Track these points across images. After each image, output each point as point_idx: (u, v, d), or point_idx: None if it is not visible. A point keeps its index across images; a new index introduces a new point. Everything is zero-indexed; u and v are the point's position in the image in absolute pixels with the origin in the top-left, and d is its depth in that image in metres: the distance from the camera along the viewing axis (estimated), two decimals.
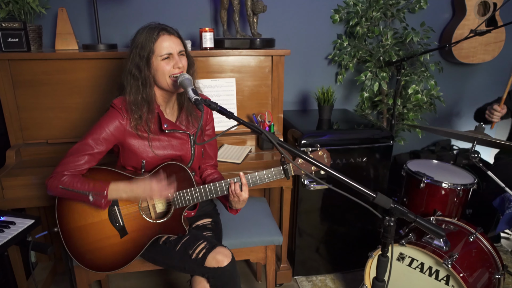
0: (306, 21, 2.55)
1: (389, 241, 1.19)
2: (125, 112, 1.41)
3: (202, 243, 1.43)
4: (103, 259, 1.45)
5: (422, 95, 2.45)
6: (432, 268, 1.67)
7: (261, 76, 2.15)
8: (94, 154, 1.39)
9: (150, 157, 1.45)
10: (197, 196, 1.44)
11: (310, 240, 2.26)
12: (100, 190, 1.36)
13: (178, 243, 1.45)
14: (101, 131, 1.40)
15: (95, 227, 1.44)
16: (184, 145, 1.52)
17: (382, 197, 1.15)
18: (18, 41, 1.90)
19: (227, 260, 1.39)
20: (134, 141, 1.44)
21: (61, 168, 1.38)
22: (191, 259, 1.40)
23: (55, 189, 1.37)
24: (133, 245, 1.46)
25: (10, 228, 1.52)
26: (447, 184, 2.08)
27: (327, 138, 2.11)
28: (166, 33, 1.39)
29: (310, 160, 1.12)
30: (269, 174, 1.43)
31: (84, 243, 1.44)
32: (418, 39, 2.38)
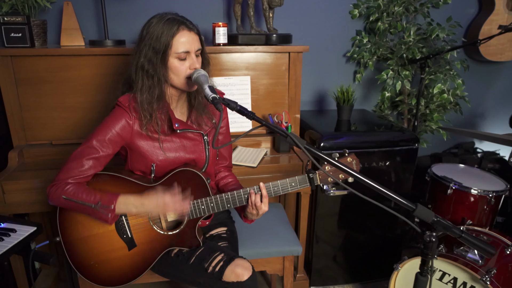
0: (323, 17, 2.42)
1: (430, 259, 1.05)
2: (133, 111, 1.28)
3: (219, 255, 1.30)
4: (109, 273, 1.33)
5: (449, 95, 2.30)
6: (467, 284, 1.53)
7: (277, 74, 2.02)
8: (99, 157, 1.27)
9: (161, 160, 1.33)
10: (213, 206, 1.31)
11: (327, 247, 2.13)
12: (107, 203, 1.23)
13: (192, 256, 1.33)
14: (106, 132, 1.27)
15: (101, 238, 1.31)
16: (197, 147, 1.39)
17: (422, 210, 1.01)
18: (22, 36, 1.79)
19: (247, 273, 1.26)
20: (143, 142, 1.32)
21: (63, 175, 1.26)
22: (207, 273, 1.28)
23: (57, 199, 1.25)
24: (142, 259, 1.34)
25: (10, 236, 1.41)
26: (476, 190, 1.94)
27: (347, 140, 1.98)
28: (186, 28, 1.25)
29: (344, 168, 0.98)
30: (292, 183, 1.30)
31: (89, 256, 1.32)
32: (444, 35, 2.24)
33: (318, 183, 1.31)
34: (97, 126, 1.31)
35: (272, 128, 1.05)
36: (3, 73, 1.77)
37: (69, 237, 1.33)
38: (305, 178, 1.30)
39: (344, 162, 1.30)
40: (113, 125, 1.27)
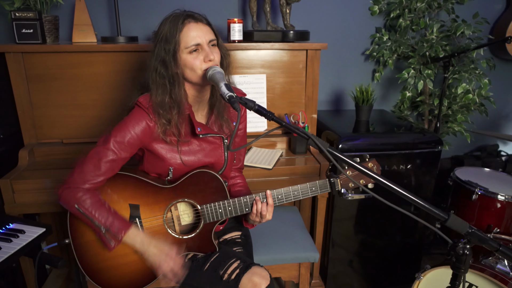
0: (341, 13, 2.33)
1: (462, 273, 0.97)
2: (152, 113, 1.22)
3: (235, 262, 1.24)
4: (119, 279, 1.28)
5: (474, 95, 2.19)
6: None
7: (294, 73, 1.95)
8: (117, 160, 1.21)
9: (179, 163, 1.27)
10: (230, 210, 1.25)
11: (344, 253, 2.05)
12: (116, 232, 1.18)
13: (206, 262, 1.27)
14: (125, 133, 1.20)
15: None
16: (216, 151, 1.32)
17: (456, 220, 0.93)
18: (33, 32, 1.76)
19: (265, 283, 1.19)
20: (162, 145, 1.26)
21: (79, 178, 1.20)
22: (222, 281, 1.21)
23: (68, 204, 1.20)
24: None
25: (18, 237, 1.38)
26: (503, 196, 1.83)
27: (366, 142, 1.89)
28: (192, 21, 1.19)
29: (369, 173, 0.91)
30: (313, 188, 1.23)
31: (99, 260, 1.27)
32: (470, 33, 2.13)
33: (339, 188, 1.24)
34: (114, 126, 1.25)
35: (293, 130, 0.98)
36: (14, 70, 1.74)
37: (79, 239, 1.28)
38: (326, 183, 1.23)
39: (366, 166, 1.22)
40: (133, 127, 1.21)
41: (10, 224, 1.45)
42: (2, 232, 1.40)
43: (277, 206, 1.95)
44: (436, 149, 1.94)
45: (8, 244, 1.33)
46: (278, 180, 1.73)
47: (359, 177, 1.24)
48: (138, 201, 1.26)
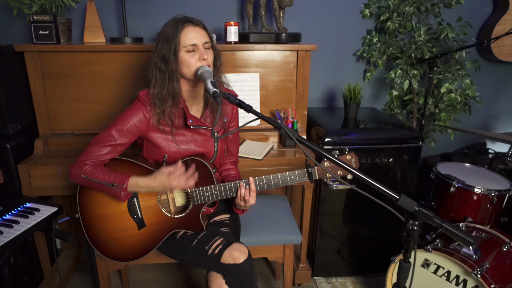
0: (334, 16, 2.48)
1: (412, 246, 1.12)
2: (149, 105, 1.40)
3: (219, 239, 1.41)
4: (121, 250, 1.46)
5: (456, 95, 2.32)
6: (460, 277, 1.58)
7: (286, 72, 2.10)
8: (116, 145, 1.40)
9: (173, 151, 1.44)
10: (216, 194, 1.42)
11: (331, 241, 2.20)
12: (120, 183, 1.36)
13: (194, 239, 1.44)
14: (125, 122, 1.39)
15: (114, 217, 1.45)
16: (207, 142, 1.50)
17: (406, 199, 1.08)
18: (49, 33, 1.95)
19: (243, 257, 1.36)
20: (158, 135, 1.44)
21: (83, 157, 1.40)
22: (207, 255, 1.38)
23: (77, 177, 1.39)
24: (150, 238, 1.46)
25: (34, 214, 1.56)
26: (480, 189, 1.96)
27: (352, 137, 2.04)
28: (191, 24, 1.37)
29: (339, 163, 1.06)
30: (292, 176, 1.39)
31: (103, 232, 1.46)
32: (453, 35, 2.26)
33: (317, 177, 1.39)
34: (116, 116, 1.44)
35: (268, 121, 1.14)
36: (32, 67, 1.93)
37: (86, 214, 1.47)
38: (304, 172, 1.39)
39: (343, 159, 1.37)
40: (131, 117, 1.40)
41: (27, 204, 1.64)
42: (20, 209, 1.59)
43: (268, 194, 2.11)
44: (418, 144, 2.08)
45: (26, 220, 1.52)
46: (267, 170, 1.89)
47: (336, 168, 1.38)
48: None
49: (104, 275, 1.69)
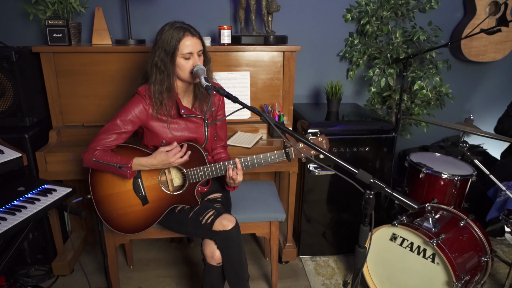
0: (320, 20, 2.72)
1: (369, 212, 1.35)
2: (148, 99, 1.64)
3: (211, 211, 1.65)
4: (127, 223, 1.70)
5: (427, 91, 2.56)
6: (420, 247, 1.82)
7: (274, 70, 2.34)
8: (121, 133, 1.64)
9: (169, 137, 1.69)
10: (208, 173, 1.67)
11: (315, 224, 2.44)
12: (126, 163, 1.61)
13: (191, 212, 1.68)
14: (127, 113, 1.64)
15: (122, 196, 1.69)
16: (198, 128, 1.74)
17: (363, 173, 1.32)
18: (62, 36, 2.19)
19: (231, 224, 1.61)
20: (156, 123, 1.68)
21: (94, 144, 1.64)
22: (201, 224, 1.63)
23: (89, 161, 1.63)
24: (153, 213, 1.70)
25: (52, 193, 1.81)
26: (446, 174, 2.20)
27: (332, 128, 2.28)
28: (190, 34, 1.59)
29: (308, 143, 1.30)
30: (272, 156, 1.63)
31: (112, 209, 1.70)
32: (424, 38, 2.50)
33: (293, 156, 1.63)
34: (120, 109, 1.69)
35: (250, 109, 1.37)
36: (47, 66, 2.17)
37: (97, 194, 1.71)
38: (282, 153, 1.63)
39: (315, 141, 1.62)
40: (133, 109, 1.64)
41: (45, 185, 1.88)
42: (40, 189, 1.83)
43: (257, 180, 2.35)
44: (392, 135, 2.32)
45: (45, 198, 1.76)
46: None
47: (309, 149, 1.62)
48: None
49: (112, 248, 1.93)
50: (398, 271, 1.93)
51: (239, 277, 1.67)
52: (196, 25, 2.10)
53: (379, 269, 2.03)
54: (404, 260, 1.89)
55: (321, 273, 2.36)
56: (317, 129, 2.24)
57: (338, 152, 2.28)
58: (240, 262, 1.66)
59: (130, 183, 1.70)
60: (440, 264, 1.75)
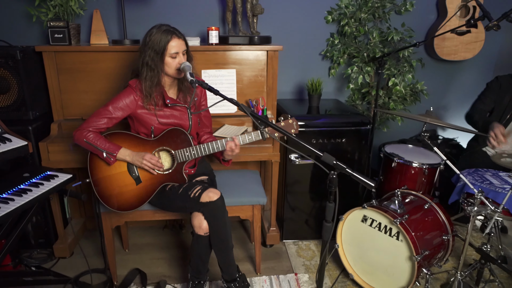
0: (303, 21, 2.92)
1: (333, 190, 1.55)
2: (138, 91, 1.87)
3: (198, 186, 1.87)
4: (123, 201, 1.90)
5: (401, 87, 2.77)
6: (387, 226, 2.02)
7: (258, 68, 2.54)
8: (111, 118, 1.87)
9: (157, 124, 1.90)
10: (194, 153, 1.89)
11: (299, 212, 2.63)
12: (112, 151, 1.83)
13: (180, 188, 1.90)
14: (119, 102, 1.87)
15: (117, 177, 1.89)
16: (183, 116, 1.96)
17: (327, 156, 1.51)
18: (62, 36, 2.38)
19: (216, 196, 1.83)
20: (144, 112, 1.90)
21: (86, 124, 1.86)
22: (190, 198, 1.84)
23: (80, 140, 1.85)
24: (146, 191, 1.91)
25: (54, 179, 2.00)
26: (416, 163, 2.40)
27: (311, 121, 2.47)
28: (176, 37, 1.82)
29: (272, 125, 1.50)
30: (249, 137, 1.85)
31: (109, 189, 1.90)
32: (398, 38, 2.71)
33: (268, 136, 1.85)
34: (113, 97, 1.91)
35: (229, 100, 1.57)
36: (49, 64, 2.36)
37: (95, 176, 1.90)
38: (258, 134, 1.87)
39: (286, 123, 1.86)
40: (124, 98, 1.87)
41: (47, 172, 2.07)
42: (43, 175, 2.02)
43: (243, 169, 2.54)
44: (367, 128, 2.52)
45: (48, 182, 1.95)
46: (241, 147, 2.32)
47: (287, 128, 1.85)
48: (132, 150, 1.90)
49: (108, 229, 2.12)
50: (368, 249, 2.13)
51: (224, 245, 1.88)
52: (186, 26, 2.33)
53: (353, 248, 2.23)
54: (373, 239, 2.09)
55: (302, 255, 2.56)
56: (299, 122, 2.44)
57: (317, 143, 2.47)
58: (225, 230, 1.87)
59: (124, 165, 1.91)
60: (403, 241, 1.95)
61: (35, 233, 2.43)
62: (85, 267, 2.32)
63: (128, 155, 1.87)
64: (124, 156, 1.86)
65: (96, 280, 2.25)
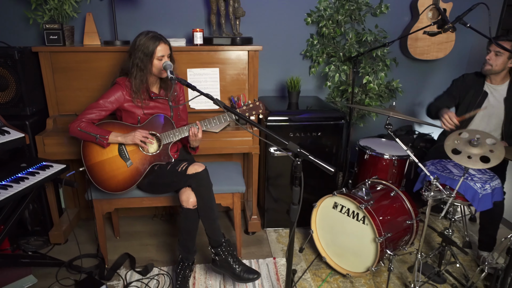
0: (284, 23, 3.11)
1: (298, 175, 1.73)
2: (125, 87, 2.09)
3: (184, 162, 2.10)
4: (116, 183, 2.10)
5: (374, 85, 2.95)
6: (354, 212, 2.20)
7: (240, 67, 2.72)
8: (102, 110, 2.09)
9: (143, 115, 2.13)
10: (177, 134, 2.12)
11: (279, 201, 2.81)
12: (104, 135, 2.04)
13: (168, 165, 2.12)
14: (109, 96, 2.09)
15: (109, 161, 2.10)
16: (165, 107, 2.21)
17: (292, 145, 1.69)
18: (57, 38, 2.56)
19: (201, 168, 2.05)
20: (131, 105, 2.13)
21: (80, 117, 2.07)
22: (178, 172, 2.05)
23: (74, 130, 2.05)
24: (137, 172, 2.11)
25: (49, 168, 2.18)
26: (387, 155, 2.59)
27: (288, 115, 2.65)
28: (162, 42, 2.08)
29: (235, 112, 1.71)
30: (221, 120, 2.12)
31: (102, 174, 2.10)
32: (372, 38, 2.90)
33: (234, 118, 2.06)
34: (103, 93, 2.12)
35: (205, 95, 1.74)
36: (44, 64, 2.54)
37: (88, 162, 2.10)
38: (220, 117, 2.12)
39: (254, 105, 2.09)
40: (113, 94, 2.09)
41: (43, 162, 2.25)
42: (39, 166, 2.20)
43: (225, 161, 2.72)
44: (341, 122, 2.70)
45: (44, 172, 2.13)
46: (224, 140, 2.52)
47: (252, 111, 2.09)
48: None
49: (100, 215, 2.30)
50: (339, 233, 2.32)
51: (211, 213, 2.08)
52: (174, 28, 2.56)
53: (325, 233, 2.41)
54: (343, 224, 2.28)
55: (281, 241, 2.74)
56: (276, 116, 2.62)
57: (295, 137, 2.65)
58: (211, 199, 2.09)
59: (115, 150, 2.10)
60: (368, 224, 2.13)
61: (32, 221, 2.61)
62: (78, 253, 2.51)
63: (120, 136, 2.07)
64: (116, 137, 2.06)
65: (89, 264, 2.43)
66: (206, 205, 2.06)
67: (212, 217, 2.09)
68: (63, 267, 2.39)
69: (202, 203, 2.05)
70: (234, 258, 2.12)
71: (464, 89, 2.65)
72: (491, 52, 2.42)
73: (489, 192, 2.09)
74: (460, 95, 2.67)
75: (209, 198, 2.07)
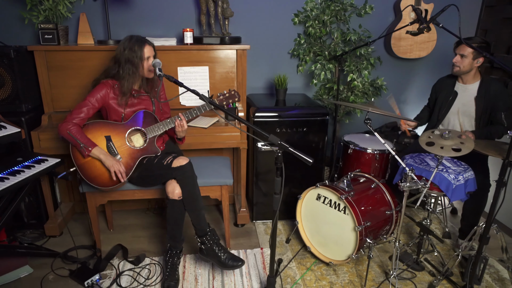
0: (272, 23, 3.22)
1: (280, 166, 1.84)
2: (109, 87, 2.22)
3: (170, 156, 2.21)
4: (106, 180, 2.19)
5: (358, 83, 3.07)
6: (336, 202, 2.31)
7: (229, 65, 2.83)
8: (89, 109, 2.19)
9: (127, 111, 2.25)
10: (161, 127, 2.24)
11: (267, 195, 2.91)
12: (88, 146, 2.13)
13: (155, 158, 2.23)
14: (95, 95, 2.20)
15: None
16: (148, 103, 2.33)
17: (273, 137, 1.80)
18: (52, 37, 2.65)
19: (185, 161, 2.16)
20: (115, 102, 2.24)
21: (70, 117, 2.16)
22: (164, 165, 2.16)
23: (64, 132, 2.13)
24: (127, 166, 2.20)
25: (44, 162, 2.28)
26: (370, 150, 2.70)
27: (275, 112, 2.76)
28: (148, 44, 2.22)
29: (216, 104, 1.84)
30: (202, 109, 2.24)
31: (94, 170, 2.18)
32: (355, 38, 3.01)
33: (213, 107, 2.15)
34: (89, 92, 2.23)
35: (191, 91, 1.86)
36: (40, 62, 2.63)
37: (79, 161, 2.18)
38: (199, 107, 2.23)
39: (229, 94, 2.29)
40: (99, 92, 2.20)
41: (38, 157, 2.35)
42: (34, 160, 2.30)
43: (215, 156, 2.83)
44: (325, 118, 2.81)
45: (39, 165, 2.23)
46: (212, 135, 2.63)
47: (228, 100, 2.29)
48: (110, 133, 2.22)
49: (93, 207, 2.40)
50: (322, 223, 2.43)
51: (196, 204, 2.18)
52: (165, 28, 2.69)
53: (310, 224, 2.52)
54: (326, 215, 2.39)
55: (269, 233, 2.85)
56: (263, 113, 2.73)
57: (281, 132, 2.76)
58: (196, 191, 2.19)
59: (104, 147, 2.19)
60: (348, 214, 2.25)
61: (28, 213, 2.70)
62: (72, 244, 2.60)
63: (103, 155, 2.16)
64: (99, 154, 2.15)
65: (83, 255, 2.53)
66: (191, 196, 2.17)
67: (197, 208, 2.19)
68: (58, 257, 2.49)
69: (186, 194, 2.15)
70: (220, 246, 2.23)
71: (438, 91, 2.79)
72: (457, 55, 2.56)
73: (462, 183, 2.21)
74: (436, 98, 2.81)
75: (193, 189, 2.17)
